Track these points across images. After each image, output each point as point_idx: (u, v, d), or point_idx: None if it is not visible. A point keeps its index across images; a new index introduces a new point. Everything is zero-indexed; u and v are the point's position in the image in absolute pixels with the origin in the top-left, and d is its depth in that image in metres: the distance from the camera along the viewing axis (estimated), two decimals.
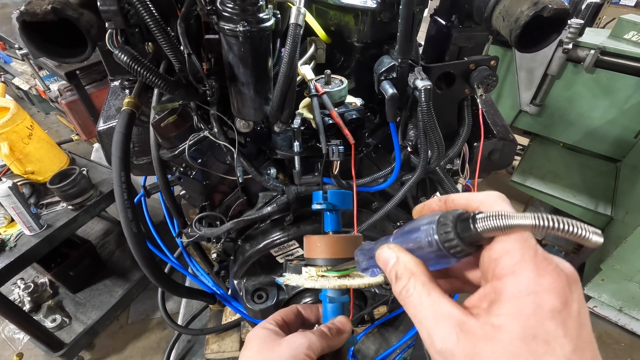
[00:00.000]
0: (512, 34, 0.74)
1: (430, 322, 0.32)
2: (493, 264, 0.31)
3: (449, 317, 0.31)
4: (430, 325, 0.32)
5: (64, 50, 0.75)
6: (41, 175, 2.09)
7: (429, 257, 0.35)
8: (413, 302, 0.34)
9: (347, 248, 0.55)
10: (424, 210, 0.42)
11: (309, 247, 0.57)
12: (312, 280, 0.54)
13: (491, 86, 0.86)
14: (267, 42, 0.68)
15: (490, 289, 0.31)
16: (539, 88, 2.33)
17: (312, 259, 0.57)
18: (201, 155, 0.93)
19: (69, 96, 3.24)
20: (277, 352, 0.46)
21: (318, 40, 0.91)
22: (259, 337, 0.49)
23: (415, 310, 0.34)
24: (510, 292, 0.29)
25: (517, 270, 0.30)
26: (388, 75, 0.80)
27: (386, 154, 1.00)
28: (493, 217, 0.30)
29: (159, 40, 0.60)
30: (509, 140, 1.06)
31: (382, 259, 0.39)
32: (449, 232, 0.32)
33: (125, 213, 0.72)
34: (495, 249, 0.31)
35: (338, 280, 0.53)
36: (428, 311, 0.33)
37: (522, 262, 0.30)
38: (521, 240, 0.30)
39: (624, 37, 2.14)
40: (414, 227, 0.37)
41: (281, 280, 0.57)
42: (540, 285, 0.29)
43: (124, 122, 0.73)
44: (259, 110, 0.75)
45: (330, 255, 0.55)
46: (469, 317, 0.31)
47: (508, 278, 0.30)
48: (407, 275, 0.35)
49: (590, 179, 2.47)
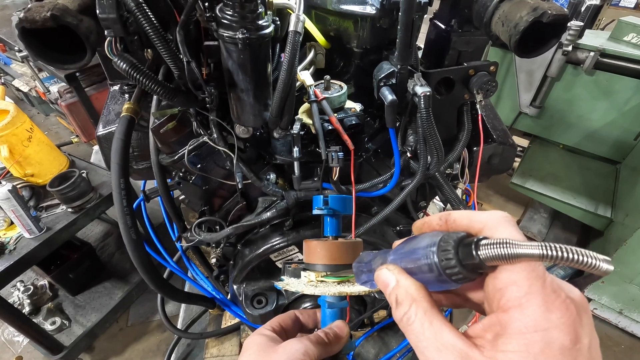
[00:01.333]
0: (512, 40, 0.74)
1: (433, 353, 0.31)
2: (498, 294, 0.30)
3: (452, 349, 0.30)
4: (432, 356, 0.31)
5: (63, 57, 0.75)
6: (41, 177, 2.09)
7: (429, 279, 0.34)
8: (414, 331, 0.33)
9: (347, 254, 0.55)
10: (423, 228, 0.41)
11: (308, 252, 0.57)
12: (311, 286, 0.53)
13: (490, 92, 0.86)
14: (266, 49, 0.68)
15: (495, 319, 0.30)
16: (538, 90, 2.33)
17: (312, 264, 0.56)
18: (200, 161, 0.93)
19: (68, 98, 3.24)
20: (273, 358, 0.46)
21: (317, 45, 0.91)
22: (256, 343, 0.49)
23: (417, 339, 0.33)
24: (517, 327, 0.28)
25: (524, 303, 0.28)
26: (387, 81, 0.79)
27: (386, 159, 1.00)
28: (498, 246, 0.29)
29: (158, 48, 0.60)
30: (508, 145, 1.06)
31: (382, 281, 0.38)
32: (450, 258, 0.31)
33: (124, 219, 0.71)
34: (501, 279, 0.30)
35: (338, 286, 0.53)
36: (430, 341, 0.32)
37: (530, 295, 0.28)
38: (528, 270, 0.29)
39: (624, 39, 2.14)
40: (413, 247, 0.36)
41: (280, 285, 0.57)
42: (549, 321, 0.27)
43: (123, 128, 0.73)
44: (259, 116, 0.75)
45: (330, 261, 0.54)
46: (472, 349, 0.30)
47: (514, 311, 0.29)
48: (409, 301, 0.34)
49: (590, 181, 2.47)
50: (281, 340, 0.50)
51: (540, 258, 0.27)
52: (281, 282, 0.56)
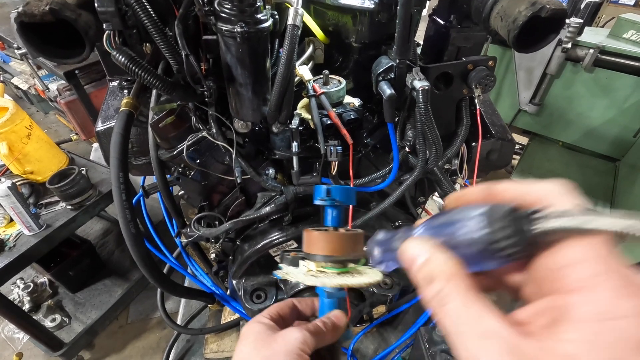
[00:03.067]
0: (510, 35, 0.74)
1: (473, 342, 0.26)
2: (558, 273, 0.26)
3: (497, 337, 0.25)
4: (473, 346, 0.26)
5: (62, 51, 0.75)
6: (40, 175, 2.09)
7: (470, 256, 0.29)
8: (450, 313, 0.28)
9: (349, 245, 0.54)
10: (460, 201, 0.35)
11: (309, 242, 0.55)
12: (311, 277, 0.52)
13: (489, 86, 0.86)
14: (264, 43, 0.68)
15: (552, 303, 0.26)
16: (538, 87, 2.33)
17: (312, 254, 0.54)
18: (200, 156, 0.94)
19: (67, 96, 3.24)
20: (271, 347, 0.45)
21: (316, 40, 0.91)
22: (254, 332, 0.49)
23: (452, 324, 0.27)
24: (583, 313, 0.24)
25: (594, 285, 0.24)
26: (386, 76, 0.80)
27: (384, 154, 1.00)
28: (565, 216, 0.25)
29: (156, 41, 0.60)
30: (507, 140, 1.06)
31: (409, 255, 0.32)
32: (506, 227, 0.27)
33: (123, 214, 0.72)
34: (563, 256, 0.26)
35: (338, 277, 0.52)
36: (470, 326, 0.26)
37: (601, 277, 0.24)
38: (599, 247, 0.25)
39: (623, 36, 2.14)
40: (451, 219, 0.31)
41: (280, 275, 0.56)
42: (625, 309, 0.23)
43: (122, 123, 0.73)
44: (257, 111, 0.75)
45: (331, 252, 0.53)
46: (524, 338, 0.25)
47: (581, 294, 0.24)
48: (444, 278, 0.29)
49: (589, 179, 2.47)
50: (279, 328, 0.49)
51: (622, 235, 0.23)
52: (280, 272, 0.55)
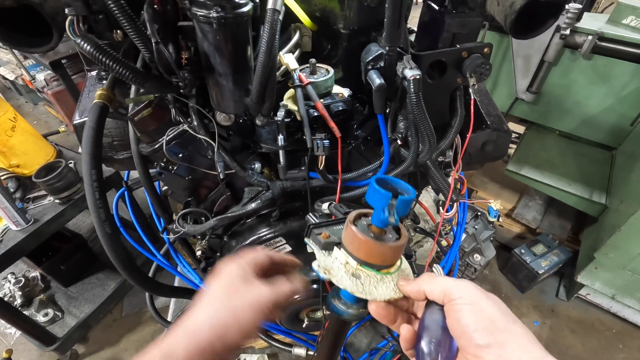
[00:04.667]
0: (507, 20, 0.70)
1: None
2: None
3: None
4: None
5: (29, 40, 0.70)
6: (27, 168, 2.04)
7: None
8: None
9: (395, 256, 0.50)
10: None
11: (357, 246, 0.49)
12: (353, 277, 0.48)
13: (484, 75, 0.82)
14: (244, 30, 0.63)
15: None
16: (535, 75, 2.29)
17: (356, 257, 0.49)
18: (182, 150, 0.90)
19: (55, 86, 3.16)
20: (242, 297, 0.45)
21: (303, 27, 0.86)
22: (231, 274, 0.48)
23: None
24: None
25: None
26: (375, 65, 0.75)
27: (376, 147, 0.96)
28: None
29: (124, 27, 0.55)
30: (503, 131, 1.02)
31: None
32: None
33: (97, 213, 0.68)
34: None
35: (379, 285, 0.49)
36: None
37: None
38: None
39: (622, 22, 2.09)
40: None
41: (321, 273, 0.49)
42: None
43: (95, 117, 0.69)
44: (239, 102, 0.71)
45: (380, 263, 0.49)
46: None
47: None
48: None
49: (586, 167, 2.45)
50: (254, 277, 0.49)
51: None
52: (319, 267, 0.50)
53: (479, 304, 0.40)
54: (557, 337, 2.29)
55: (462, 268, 2.43)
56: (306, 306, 1.01)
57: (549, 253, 2.44)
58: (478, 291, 0.41)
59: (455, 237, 1.22)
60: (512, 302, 2.47)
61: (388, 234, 0.49)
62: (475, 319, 0.39)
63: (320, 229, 0.54)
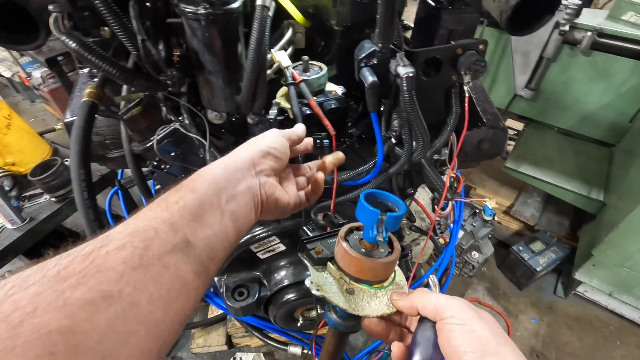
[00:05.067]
0: (503, 16, 0.69)
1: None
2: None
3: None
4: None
5: (16, 37, 0.69)
6: (22, 166, 2.03)
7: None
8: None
9: (388, 271, 0.50)
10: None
11: (348, 263, 0.49)
12: (346, 293, 0.48)
13: (479, 72, 0.81)
14: (234, 26, 0.62)
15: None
16: (534, 71, 2.27)
17: (350, 274, 0.49)
18: (174, 148, 0.89)
19: (51, 83, 3.14)
20: (251, 177, 0.46)
21: (296, 23, 0.85)
22: (260, 146, 0.49)
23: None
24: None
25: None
26: (368, 62, 0.74)
27: (371, 145, 0.95)
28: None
29: (110, 24, 0.54)
30: (499, 129, 1.01)
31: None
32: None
33: (86, 213, 0.67)
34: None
35: (372, 299, 0.49)
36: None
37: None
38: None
39: (622, 18, 2.07)
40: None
41: (313, 289, 0.49)
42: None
43: (84, 115, 0.68)
44: (230, 100, 0.70)
45: (372, 279, 0.49)
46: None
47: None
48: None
49: (584, 165, 2.44)
50: (279, 166, 0.50)
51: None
52: (312, 285, 0.49)
53: (470, 324, 0.39)
54: (554, 334, 2.29)
55: (460, 265, 2.43)
56: (301, 305, 1.01)
57: (547, 250, 2.44)
58: (470, 311, 0.41)
59: (452, 235, 1.21)
60: (510, 299, 2.47)
61: (380, 249, 0.49)
62: (465, 340, 0.38)
63: (313, 243, 0.54)
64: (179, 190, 0.40)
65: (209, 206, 0.40)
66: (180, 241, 0.36)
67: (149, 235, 0.34)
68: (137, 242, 0.33)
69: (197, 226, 0.38)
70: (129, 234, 0.33)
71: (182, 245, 0.36)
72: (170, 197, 0.39)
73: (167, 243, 0.35)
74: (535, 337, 2.27)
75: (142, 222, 0.35)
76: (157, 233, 0.35)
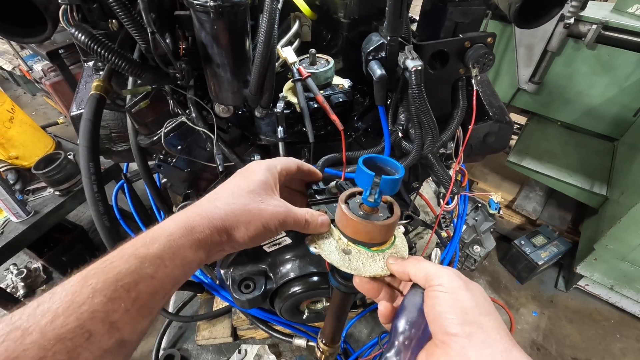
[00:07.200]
0: (511, 8, 0.68)
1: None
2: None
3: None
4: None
5: (23, 30, 0.69)
6: (26, 160, 2.03)
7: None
8: None
9: (387, 234, 0.52)
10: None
11: (345, 224, 0.50)
12: (343, 257, 0.50)
13: (487, 65, 0.80)
14: (242, 19, 0.62)
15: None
16: (538, 65, 2.26)
17: (349, 236, 0.51)
18: (181, 142, 0.89)
19: (53, 77, 3.12)
20: (259, 203, 0.46)
21: (302, 16, 0.84)
22: (258, 177, 0.49)
23: None
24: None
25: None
26: (376, 55, 0.74)
27: (377, 138, 0.95)
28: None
29: (119, 16, 0.54)
30: (505, 123, 1.01)
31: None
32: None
33: (96, 206, 0.67)
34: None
35: (370, 260, 0.50)
36: None
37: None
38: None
39: (627, 11, 2.05)
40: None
41: (311, 248, 0.52)
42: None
43: (92, 109, 0.68)
44: (238, 93, 0.70)
45: (370, 241, 0.50)
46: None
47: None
48: None
49: (587, 159, 2.44)
50: (276, 187, 0.50)
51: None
52: (310, 241, 0.52)
53: (456, 293, 0.40)
54: (555, 327, 2.31)
55: (462, 259, 2.44)
56: (306, 298, 1.01)
57: (548, 244, 2.45)
58: (459, 280, 0.42)
59: (456, 230, 1.22)
60: (511, 292, 2.48)
61: (379, 213, 0.50)
62: (448, 307, 0.39)
63: (319, 205, 0.56)
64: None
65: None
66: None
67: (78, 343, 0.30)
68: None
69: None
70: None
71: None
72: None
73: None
74: (536, 330, 2.28)
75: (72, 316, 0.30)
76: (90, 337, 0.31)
